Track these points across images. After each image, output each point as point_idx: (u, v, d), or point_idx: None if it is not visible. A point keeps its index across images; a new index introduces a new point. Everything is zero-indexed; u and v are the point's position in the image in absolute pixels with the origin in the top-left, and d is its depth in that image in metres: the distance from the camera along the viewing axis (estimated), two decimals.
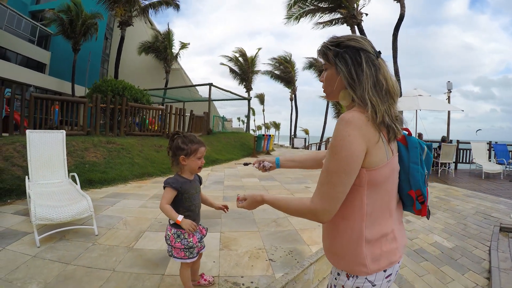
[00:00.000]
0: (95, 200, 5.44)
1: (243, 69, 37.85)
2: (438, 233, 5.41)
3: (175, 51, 33.35)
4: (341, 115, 1.25)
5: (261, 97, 63.67)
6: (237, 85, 39.33)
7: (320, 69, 35.89)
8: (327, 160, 1.24)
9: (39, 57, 28.99)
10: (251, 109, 33.90)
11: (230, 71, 38.91)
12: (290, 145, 37.29)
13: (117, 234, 4.16)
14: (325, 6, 20.18)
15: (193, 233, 2.47)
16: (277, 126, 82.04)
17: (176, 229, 2.45)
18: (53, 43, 30.68)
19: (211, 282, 2.92)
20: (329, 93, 1.42)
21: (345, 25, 19.71)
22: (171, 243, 2.48)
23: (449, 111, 16.75)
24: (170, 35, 32.12)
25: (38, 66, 28.63)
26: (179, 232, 2.45)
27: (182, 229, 2.40)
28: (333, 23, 20.72)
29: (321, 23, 21.13)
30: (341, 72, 1.28)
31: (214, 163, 12.63)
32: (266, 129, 77.91)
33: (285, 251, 3.71)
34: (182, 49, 34.19)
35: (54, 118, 9.94)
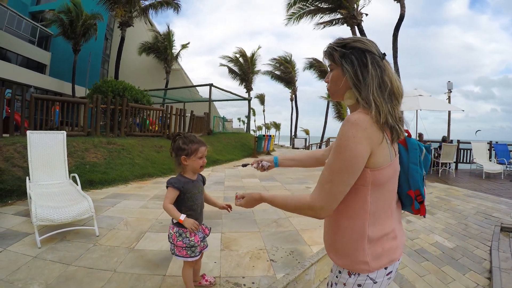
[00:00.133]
0: (95, 200, 5.44)
1: (243, 69, 37.84)
2: (439, 233, 5.41)
3: (175, 51, 33.35)
4: (347, 116, 1.27)
5: (261, 98, 63.63)
6: (238, 85, 39.33)
7: (320, 70, 36.04)
8: (331, 159, 1.25)
9: (40, 57, 29.01)
10: (251, 110, 33.90)
11: (229, 72, 38.83)
12: (290, 145, 37.24)
13: (118, 234, 4.16)
14: (325, 6, 20.17)
15: (195, 232, 2.48)
16: (277, 126, 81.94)
17: (178, 227, 2.47)
18: (53, 44, 30.70)
19: (213, 282, 2.92)
20: (334, 93, 1.44)
21: (345, 25, 19.69)
22: (173, 242, 2.50)
23: (449, 111, 16.74)
24: (170, 35, 32.12)
25: (38, 66, 28.66)
26: (181, 230, 2.46)
27: (184, 228, 2.42)
28: (333, 23, 20.69)
29: (322, 23, 21.13)
30: (347, 72, 1.30)
31: (214, 164, 12.64)
32: (266, 130, 77.86)
33: (286, 252, 3.71)
34: (182, 49, 34.18)
35: (54, 119, 9.95)
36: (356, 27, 18.88)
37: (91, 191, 6.62)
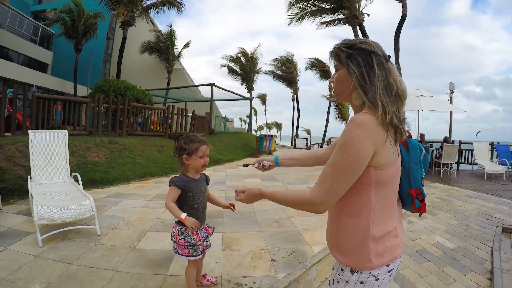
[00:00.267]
0: (97, 200, 5.43)
1: (245, 69, 37.79)
2: (440, 233, 5.40)
3: (177, 50, 33.31)
4: (353, 116, 1.30)
5: (263, 98, 63.59)
6: (239, 85, 39.26)
7: (322, 70, 36.06)
8: (334, 156, 1.28)
9: (41, 57, 29.03)
10: (253, 109, 33.84)
11: (231, 71, 38.73)
12: (292, 145, 37.23)
13: (120, 234, 4.16)
14: (327, 7, 20.16)
15: (197, 231, 2.49)
16: (279, 126, 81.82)
17: (180, 226, 2.48)
18: (55, 43, 30.71)
19: (214, 282, 2.93)
20: (339, 94, 1.47)
21: (347, 25, 19.68)
22: (175, 240, 2.51)
23: (451, 112, 16.71)
24: (172, 34, 32.09)
25: (40, 66, 28.67)
26: (183, 229, 2.47)
27: (186, 226, 2.42)
28: (335, 23, 20.69)
29: (324, 23, 21.12)
30: (353, 73, 1.33)
31: (216, 163, 12.64)
32: (268, 129, 77.77)
33: (287, 252, 3.71)
34: (184, 48, 34.13)
35: (56, 118, 9.96)
36: (358, 27, 18.86)
37: (92, 191, 6.63)
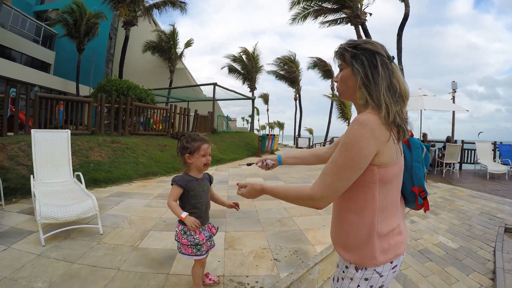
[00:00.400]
0: (99, 199, 5.45)
1: (247, 68, 37.70)
2: (442, 233, 5.38)
3: (179, 50, 33.30)
4: (357, 116, 1.32)
5: (265, 97, 63.57)
6: (241, 85, 39.13)
7: (324, 69, 36.07)
8: (337, 154, 1.31)
9: (44, 57, 29.10)
10: (255, 109, 33.80)
11: (232, 71, 38.62)
12: (294, 144, 37.19)
13: (122, 233, 4.17)
14: (330, 6, 20.14)
15: (199, 230, 2.49)
16: (281, 125, 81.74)
17: (183, 225, 2.48)
18: (57, 43, 30.76)
19: (216, 281, 2.93)
20: (343, 93, 1.49)
21: (349, 24, 19.65)
22: (178, 239, 2.51)
23: (453, 111, 16.67)
24: (174, 34, 32.08)
25: (42, 66, 28.73)
26: (186, 228, 2.47)
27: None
28: (338, 22, 20.68)
29: (326, 22, 21.11)
30: (358, 73, 1.35)
31: (218, 163, 12.65)
32: (270, 129, 77.74)
33: (289, 251, 3.71)
34: (186, 47, 34.10)
35: (59, 117, 9.98)
36: (360, 26, 18.84)
37: (95, 190, 6.65)
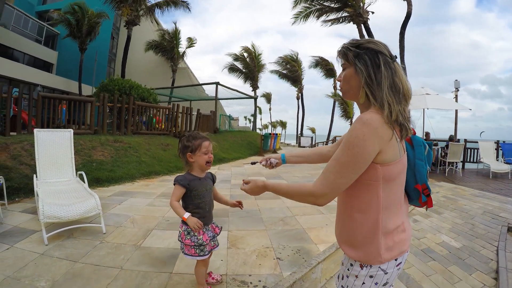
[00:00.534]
0: (102, 198, 5.45)
1: (249, 67, 37.65)
2: (445, 232, 5.38)
3: (181, 49, 33.29)
4: (360, 115, 1.34)
5: (268, 96, 63.53)
6: (243, 84, 39.08)
7: (326, 68, 36.04)
8: (340, 152, 1.32)
9: (46, 56, 29.16)
10: (257, 108, 33.72)
11: (231, 70, 38.52)
12: (296, 143, 37.16)
13: (125, 232, 4.18)
14: (332, 5, 20.11)
15: (203, 231, 2.48)
16: (283, 124, 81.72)
17: (186, 226, 2.46)
18: (60, 43, 30.83)
19: (219, 280, 2.93)
20: (346, 92, 1.51)
21: (351, 23, 19.60)
22: (181, 240, 2.50)
23: (456, 110, 16.62)
24: (177, 34, 32.08)
25: (45, 65, 28.79)
26: (189, 229, 2.45)
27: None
28: (340, 21, 20.64)
29: (328, 20, 21.08)
30: (360, 72, 1.36)
31: (221, 162, 12.66)
32: (272, 128, 77.70)
33: (292, 250, 3.70)
34: (189, 47, 34.11)
35: (61, 117, 9.99)
36: (362, 25, 18.79)
37: (98, 189, 6.66)
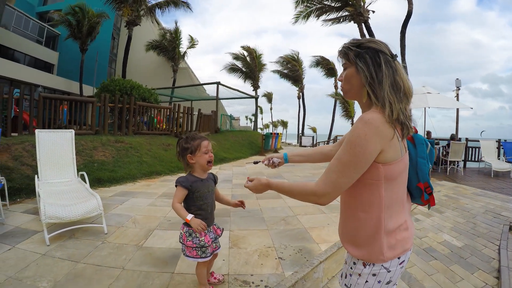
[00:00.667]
0: (104, 198, 5.43)
1: (250, 67, 37.63)
2: (447, 231, 5.37)
3: (182, 49, 33.30)
4: (361, 114, 1.35)
5: (269, 96, 63.49)
6: (245, 84, 39.07)
7: (327, 67, 36.09)
8: (342, 151, 1.34)
9: (47, 57, 29.15)
10: (258, 108, 33.71)
11: (232, 70, 38.50)
12: (298, 143, 37.14)
13: (126, 232, 4.18)
14: (332, 4, 20.08)
15: (205, 232, 2.47)
16: (284, 124, 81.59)
17: (188, 227, 2.45)
18: (60, 44, 30.79)
19: (221, 280, 2.92)
20: (347, 91, 1.51)
21: (352, 22, 19.57)
22: (183, 242, 2.48)
23: (457, 109, 16.60)
24: (177, 34, 32.09)
25: (46, 66, 28.79)
26: (191, 230, 2.44)
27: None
28: (341, 20, 20.61)
29: (329, 20, 21.05)
30: (362, 71, 1.37)
31: (222, 162, 12.67)
32: (273, 128, 77.62)
33: (294, 250, 3.70)
34: (190, 47, 34.11)
35: (62, 117, 9.99)
36: (363, 24, 18.76)
37: (99, 189, 6.66)
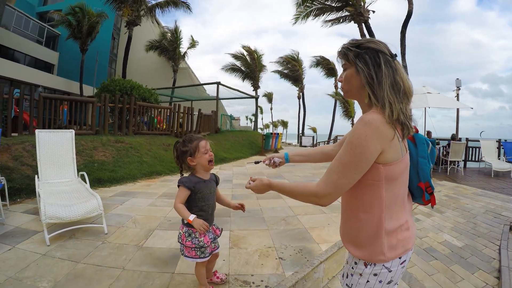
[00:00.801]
0: (104, 198, 5.43)
1: (250, 67, 37.64)
2: (447, 231, 5.37)
3: (183, 50, 33.31)
4: (362, 115, 1.35)
5: (269, 96, 63.50)
6: (245, 84, 39.12)
7: (327, 67, 36.13)
8: (342, 152, 1.34)
9: (47, 57, 29.15)
10: (259, 108, 33.73)
11: (232, 70, 38.50)
12: (298, 143, 37.15)
13: (127, 232, 4.18)
14: (332, 5, 20.07)
15: (205, 233, 2.47)
16: (285, 124, 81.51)
17: (187, 227, 2.45)
18: (61, 44, 30.79)
19: (224, 280, 2.92)
20: (347, 92, 1.52)
21: (352, 22, 19.56)
22: (182, 242, 2.48)
23: (458, 109, 16.60)
24: (178, 34, 32.08)
25: (46, 66, 28.79)
26: (190, 230, 2.44)
27: (193, 228, 2.40)
28: (341, 21, 20.61)
29: (329, 21, 21.05)
30: (361, 72, 1.37)
31: (222, 162, 12.65)
32: (274, 128, 77.59)
33: (294, 250, 3.70)
34: (191, 47, 34.12)
35: (63, 117, 10.00)
36: (363, 24, 18.75)
37: (99, 189, 6.66)
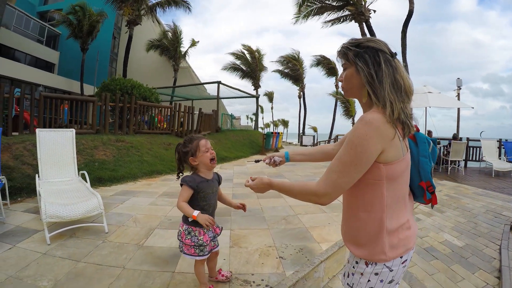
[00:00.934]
0: (104, 198, 5.43)
1: (251, 67, 37.65)
2: (448, 231, 5.37)
3: (183, 49, 33.32)
4: (362, 115, 1.34)
5: (270, 95, 63.56)
6: (245, 83, 39.17)
7: (328, 67, 36.18)
8: (342, 151, 1.33)
9: (48, 57, 29.19)
10: (259, 107, 33.76)
11: (233, 70, 38.52)
12: (298, 142, 37.16)
13: (127, 231, 4.18)
14: (333, 4, 20.06)
15: (204, 231, 2.46)
16: (285, 123, 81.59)
17: (187, 225, 2.45)
18: (61, 43, 30.82)
19: (229, 277, 2.92)
20: (347, 91, 1.51)
21: (353, 21, 19.55)
22: (181, 239, 2.48)
23: (458, 108, 16.58)
24: (178, 33, 32.09)
25: (47, 66, 28.82)
26: (190, 228, 2.45)
27: (193, 225, 2.41)
28: (341, 20, 20.60)
29: (330, 20, 21.04)
30: (361, 71, 1.36)
31: (223, 161, 12.67)
32: (274, 127, 77.65)
33: (295, 249, 3.69)
34: (191, 47, 34.15)
35: (63, 117, 10.00)
36: (364, 23, 18.74)
37: (100, 188, 6.66)
